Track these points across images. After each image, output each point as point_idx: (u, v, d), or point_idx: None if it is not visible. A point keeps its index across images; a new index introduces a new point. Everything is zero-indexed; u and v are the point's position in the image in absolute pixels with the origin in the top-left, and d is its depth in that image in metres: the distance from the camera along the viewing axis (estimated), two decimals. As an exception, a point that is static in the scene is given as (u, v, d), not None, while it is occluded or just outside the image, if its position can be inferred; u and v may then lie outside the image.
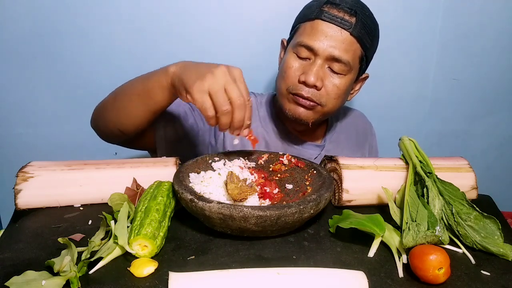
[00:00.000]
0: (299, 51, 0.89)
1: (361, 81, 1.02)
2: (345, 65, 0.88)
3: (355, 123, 1.16)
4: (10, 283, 0.49)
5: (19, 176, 0.70)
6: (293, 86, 0.90)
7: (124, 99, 0.84)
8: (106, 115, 0.88)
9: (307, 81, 0.88)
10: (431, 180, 0.68)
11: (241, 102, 0.67)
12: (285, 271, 0.52)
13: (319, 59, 0.88)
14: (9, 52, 1.23)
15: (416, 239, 0.60)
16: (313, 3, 0.92)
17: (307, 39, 0.88)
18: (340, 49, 0.87)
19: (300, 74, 0.89)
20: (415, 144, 0.77)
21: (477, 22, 1.33)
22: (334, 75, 0.90)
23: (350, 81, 0.92)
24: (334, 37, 0.86)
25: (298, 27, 0.93)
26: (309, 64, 0.89)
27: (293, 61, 0.91)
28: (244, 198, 0.65)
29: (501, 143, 1.50)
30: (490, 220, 0.64)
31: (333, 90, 0.90)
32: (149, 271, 0.54)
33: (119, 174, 0.74)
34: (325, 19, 0.86)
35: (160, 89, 0.78)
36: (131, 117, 0.84)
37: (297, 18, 0.96)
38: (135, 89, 0.82)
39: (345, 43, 0.87)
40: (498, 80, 1.41)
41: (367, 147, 1.16)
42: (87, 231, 0.63)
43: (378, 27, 0.94)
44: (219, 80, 0.67)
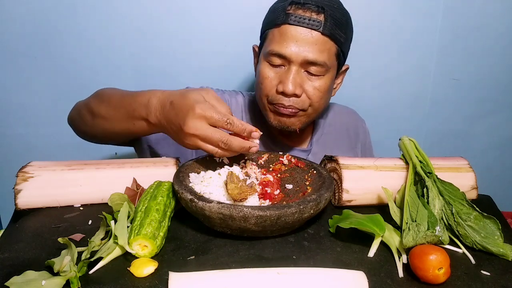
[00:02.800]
0: (272, 60, 0.86)
1: (342, 74, 0.99)
2: (322, 66, 0.85)
3: (345, 122, 1.12)
4: (10, 283, 0.49)
5: (19, 176, 0.69)
6: (272, 97, 0.88)
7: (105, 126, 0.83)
8: (84, 128, 0.90)
9: (285, 91, 0.84)
10: (431, 180, 0.68)
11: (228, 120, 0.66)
12: (285, 271, 0.52)
13: (294, 66, 0.85)
14: (9, 52, 1.23)
15: (416, 239, 0.60)
16: (277, 6, 0.88)
17: (277, 47, 0.85)
18: (314, 51, 0.83)
19: (277, 83, 0.86)
20: (415, 144, 0.77)
21: (477, 22, 1.33)
22: (312, 78, 0.87)
23: (331, 79, 0.90)
24: (305, 40, 0.83)
25: (266, 34, 0.90)
26: (284, 71, 0.86)
27: (267, 71, 0.88)
28: (244, 198, 0.65)
29: (501, 143, 1.50)
30: (490, 220, 0.64)
31: (315, 94, 0.88)
32: (149, 271, 0.54)
33: (119, 174, 0.74)
34: (293, 23, 0.83)
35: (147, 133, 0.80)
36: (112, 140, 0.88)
37: (264, 24, 0.92)
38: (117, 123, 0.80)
39: (318, 44, 0.83)
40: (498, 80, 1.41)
41: (359, 146, 1.13)
42: (87, 231, 0.63)
43: (349, 16, 0.90)
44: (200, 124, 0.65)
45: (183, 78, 1.31)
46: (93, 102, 0.85)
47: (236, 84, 1.34)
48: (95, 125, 0.84)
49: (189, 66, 1.30)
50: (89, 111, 0.85)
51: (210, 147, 0.67)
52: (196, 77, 1.31)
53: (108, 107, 0.81)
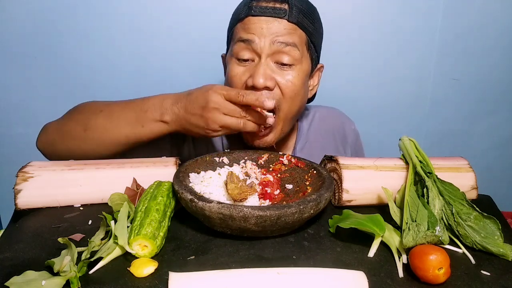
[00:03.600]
0: (239, 51, 0.82)
1: (317, 73, 0.93)
2: (293, 49, 0.80)
3: (331, 126, 1.05)
4: (10, 283, 0.49)
5: (19, 176, 0.69)
6: None
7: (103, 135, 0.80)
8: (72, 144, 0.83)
9: (256, 84, 0.79)
10: (431, 180, 0.68)
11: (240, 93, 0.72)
12: (285, 271, 0.52)
13: (263, 57, 0.80)
14: (9, 52, 1.23)
15: (416, 239, 0.60)
16: (239, 5, 0.86)
17: (243, 34, 0.81)
18: (283, 34, 0.79)
19: (247, 78, 0.81)
20: (415, 144, 0.77)
21: (477, 22, 1.33)
22: (285, 68, 0.81)
23: (304, 73, 0.84)
24: (271, 28, 0.79)
25: (231, 33, 0.86)
26: (254, 65, 0.81)
27: (235, 67, 0.83)
28: (244, 198, 0.65)
29: (501, 143, 1.50)
30: (490, 220, 0.64)
31: (288, 87, 0.81)
32: (149, 271, 0.54)
33: (119, 174, 0.74)
34: (256, 14, 0.79)
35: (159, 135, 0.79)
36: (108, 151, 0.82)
37: (229, 27, 0.89)
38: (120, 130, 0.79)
39: (286, 30, 0.79)
40: (498, 80, 1.41)
41: (348, 148, 1.06)
42: (87, 231, 0.63)
43: (315, 10, 0.87)
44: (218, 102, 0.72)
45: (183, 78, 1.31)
46: (84, 115, 0.83)
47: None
48: (87, 138, 0.81)
49: (189, 66, 1.30)
50: (80, 124, 0.82)
51: (234, 119, 0.73)
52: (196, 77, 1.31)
53: (108, 116, 0.80)
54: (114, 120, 0.80)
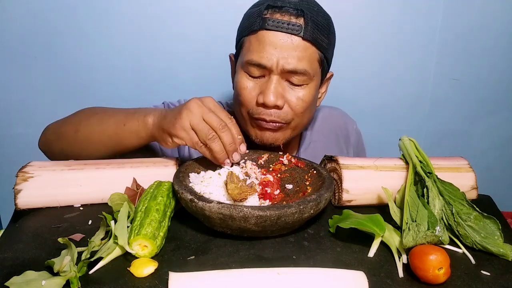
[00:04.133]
0: (250, 70, 0.80)
1: (326, 82, 0.93)
2: (303, 75, 0.79)
3: (334, 126, 1.06)
4: (10, 283, 0.49)
5: (19, 176, 0.69)
6: (253, 110, 0.82)
7: (90, 136, 0.81)
8: (65, 145, 0.84)
9: (266, 103, 0.78)
10: (431, 180, 0.68)
11: (223, 125, 0.68)
12: (285, 271, 0.52)
13: (274, 75, 0.79)
14: (9, 52, 1.23)
15: (416, 239, 0.60)
16: (252, 11, 0.81)
17: (255, 56, 0.78)
18: (294, 58, 0.77)
19: (257, 94, 0.80)
20: (415, 144, 0.77)
21: (477, 22, 1.33)
22: (295, 88, 0.81)
23: (315, 88, 0.84)
24: (284, 47, 0.77)
25: (242, 41, 0.83)
26: (265, 82, 0.80)
27: (245, 81, 0.81)
28: (244, 198, 0.65)
29: (501, 143, 1.50)
30: (490, 220, 0.64)
31: (298, 104, 0.81)
32: (149, 271, 0.54)
33: (119, 174, 0.74)
34: (270, 28, 0.76)
35: (135, 138, 0.78)
36: (94, 153, 0.82)
37: (239, 31, 0.86)
38: (105, 130, 0.80)
39: (298, 50, 0.77)
40: (498, 80, 1.41)
41: (351, 150, 1.07)
42: (87, 231, 0.63)
43: (331, 21, 0.84)
44: (195, 113, 0.69)
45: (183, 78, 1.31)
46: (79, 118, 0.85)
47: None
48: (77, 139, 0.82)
49: (189, 66, 1.30)
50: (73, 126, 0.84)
51: (195, 138, 0.69)
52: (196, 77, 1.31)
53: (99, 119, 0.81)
54: (104, 122, 0.80)
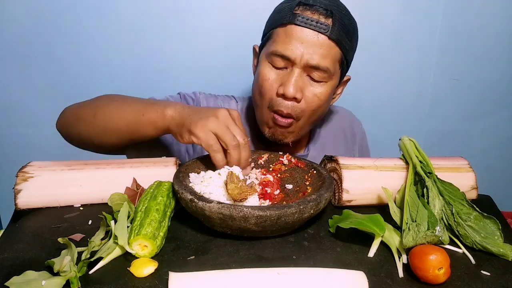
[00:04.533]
0: (274, 61, 0.83)
1: (343, 85, 0.96)
2: (325, 72, 0.82)
3: (342, 125, 1.10)
4: (10, 283, 0.49)
5: (19, 176, 0.69)
6: (272, 102, 0.85)
7: (108, 122, 0.81)
8: (82, 129, 0.85)
9: (286, 94, 0.81)
10: (431, 180, 0.68)
11: (246, 141, 0.71)
12: (285, 271, 0.52)
13: (297, 68, 0.82)
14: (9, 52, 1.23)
15: (416, 239, 0.60)
16: (283, 6, 0.85)
17: (281, 47, 0.82)
18: (318, 55, 0.80)
19: (278, 86, 0.84)
20: (415, 144, 0.77)
21: (477, 22, 1.33)
22: (314, 84, 0.84)
23: (332, 88, 0.87)
24: (310, 43, 0.80)
25: (270, 33, 0.86)
26: (286, 74, 0.83)
27: (268, 72, 0.85)
28: (244, 198, 0.65)
29: (501, 143, 1.50)
30: (490, 220, 0.64)
31: (314, 101, 0.84)
32: (149, 271, 0.54)
33: (119, 174, 0.74)
34: (299, 24, 0.80)
35: (152, 128, 0.78)
36: (111, 140, 0.83)
37: (268, 24, 0.89)
38: (123, 118, 0.80)
39: (323, 48, 0.80)
40: (498, 80, 1.41)
41: (356, 148, 1.11)
42: (87, 231, 0.63)
43: (356, 26, 0.88)
44: (222, 121, 0.70)
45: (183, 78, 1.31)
46: (98, 103, 0.84)
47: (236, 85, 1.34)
48: (95, 123, 0.82)
49: (189, 66, 1.30)
50: (92, 110, 0.83)
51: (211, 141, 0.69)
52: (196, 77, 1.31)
53: (118, 106, 0.81)
54: (122, 110, 0.80)
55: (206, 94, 1.01)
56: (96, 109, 0.83)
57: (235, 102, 1.03)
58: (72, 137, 0.90)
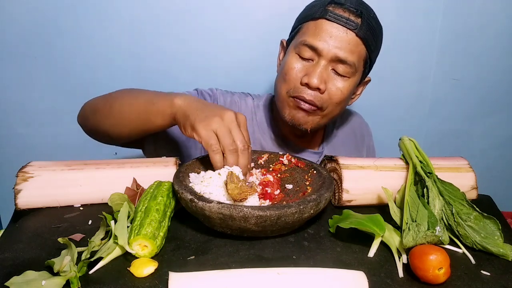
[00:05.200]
0: (302, 51, 0.87)
1: (363, 85, 0.99)
2: (350, 67, 0.86)
3: (353, 126, 1.14)
4: (10, 283, 0.49)
5: (19, 176, 0.70)
6: (295, 89, 0.88)
7: (122, 113, 0.82)
8: (98, 119, 0.86)
9: (310, 83, 0.85)
10: (431, 180, 0.68)
11: (245, 147, 0.69)
12: (285, 271, 0.52)
13: (323, 60, 0.85)
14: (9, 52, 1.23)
15: (416, 239, 0.60)
16: (316, 3, 0.90)
17: (311, 38, 0.85)
18: (346, 50, 0.84)
19: (303, 75, 0.87)
20: (415, 144, 0.77)
21: (477, 22, 1.33)
22: (338, 78, 0.87)
23: (354, 84, 0.90)
24: (339, 38, 0.84)
25: (300, 27, 0.90)
26: (312, 65, 0.86)
27: (295, 62, 0.88)
28: (244, 198, 0.65)
29: (501, 143, 1.50)
30: (490, 220, 0.64)
31: (336, 94, 0.88)
32: (149, 271, 0.54)
33: (119, 174, 0.74)
34: (330, 19, 0.84)
35: (161, 116, 0.77)
36: (125, 130, 0.84)
37: (299, 19, 0.93)
38: (135, 107, 0.81)
39: (351, 43, 0.84)
40: (498, 80, 1.41)
41: (364, 149, 1.14)
42: (87, 231, 0.63)
43: (382, 29, 0.92)
44: (226, 123, 0.69)
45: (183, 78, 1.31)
46: (115, 95, 0.86)
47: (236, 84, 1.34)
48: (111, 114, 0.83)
49: (189, 66, 1.30)
50: (108, 102, 0.85)
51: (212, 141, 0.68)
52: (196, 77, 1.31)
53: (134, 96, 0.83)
54: (136, 100, 0.82)
55: (222, 91, 1.04)
56: (112, 101, 0.84)
57: (252, 99, 1.05)
58: (90, 129, 0.92)
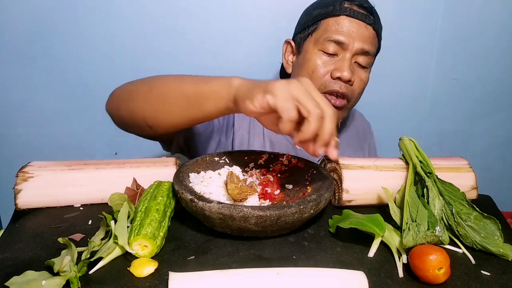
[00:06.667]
0: (327, 46, 0.90)
1: None
2: (371, 58, 0.92)
3: (355, 124, 1.15)
4: (10, 283, 0.49)
5: (19, 176, 0.69)
6: (326, 84, 0.90)
7: (166, 96, 0.73)
8: (135, 105, 0.77)
9: (343, 77, 0.88)
10: (431, 180, 0.68)
11: (332, 111, 0.59)
12: (285, 271, 0.52)
13: (348, 54, 0.89)
14: (9, 52, 1.23)
15: (416, 239, 0.60)
16: (328, 1, 0.93)
17: (336, 34, 0.89)
18: (368, 42, 0.90)
19: (332, 70, 0.90)
20: (415, 144, 0.77)
21: (477, 22, 1.33)
22: (360, 70, 0.92)
23: (369, 76, 0.96)
24: (360, 31, 0.89)
25: (318, 24, 0.92)
26: (338, 59, 0.90)
27: (320, 58, 0.91)
28: (244, 198, 0.65)
29: (501, 143, 1.50)
30: (490, 220, 0.64)
31: (360, 85, 0.93)
32: (149, 271, 0.54)
33: (119, 174, 0.74)
34: (351, 15, 0.89)
35: (215, 99, 0.68)
36: (167, 117, 0.75)
37: (313, 17, 0.94)
38: (183, 89, 0.72)
39: (371, 37, 0.91)
40: (498, 80, 1.41)
41: (366, 147, 1.15)
42: (87, 231, 0.63)
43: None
44: (305, 86, 0.59)
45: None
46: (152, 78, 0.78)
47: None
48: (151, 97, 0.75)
49: (189, 66, 1.30)
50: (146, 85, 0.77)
51: (290, 105, 0.57)
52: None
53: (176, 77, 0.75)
54: (182, 81, 0.73)
55: None
56: (152, 83, 0.76)
57: None
58: (122, 117, 0.82)
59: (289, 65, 1.00)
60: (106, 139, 1.34)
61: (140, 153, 1.27)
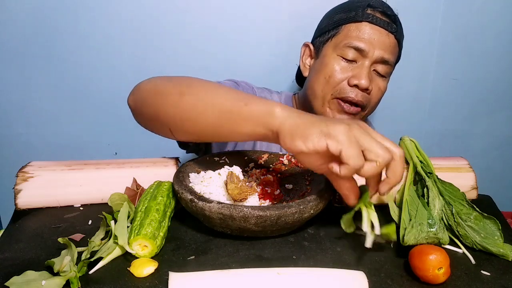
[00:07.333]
0: (346, 52, 0.88)
1: None
2: (390, 67, 0.91)
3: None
4: (10, 283, 0.49)
5: (19, 176, 0.70)
6: (341, 90, 0.89)
7: (197, 107, 0.64)
8: (162, 109, 0.68)
9: (360, 85, 0.87)
10: (431, 180, 0.68)
11: (401, 152, 0.55)
12: (285, 271, 0.52)
13: (367, 61, 0.88)
14: (9, 52, 1.23)
15: (418, 239, 0.60)
16: (353, 5, 0.91)
17: (356, 40, 0.88)
18: (388, 51, 0.89)
19: (349, 77, 0.88)
20: (415, 144, 0.77)
21: (477, 22, 1.33)
22: (379, 78, 0.91)
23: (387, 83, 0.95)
24: (381, 39, 0.88)
25: (339, 28, 0.91)
26: (357, 66, 0.89)
27: (339, 63, 0.90)
28: (244, 198, 0.65)
29: (501, 143, 1.50)
30: (490, 220, 0.64)
31: (377, 94, 0.92)
32: (149, 271, 0.54)
33: (119, 174, 0.74)
34: (374, 22, 0.88)
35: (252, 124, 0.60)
36: (193, 129, 0.67)
37: (334, 21, 0.93)
38: (218, 104, 0.63)
39: (392, 46, 0.90)
40: (498, 80, 1.41)
41: None
42: (87, 231, 0.63)
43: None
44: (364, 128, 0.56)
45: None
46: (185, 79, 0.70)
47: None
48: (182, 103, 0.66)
49: (189, 66, 1.30)
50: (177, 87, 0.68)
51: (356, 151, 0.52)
52: (196, 77, 1.31)
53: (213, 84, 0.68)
54: (219, 94, 0.65)
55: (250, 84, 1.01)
56: (184, 89, 0.66)
57: (277, 93, 1.05)
58: (144, 114, 0.74)
59: (306, 68, 0.99)
60: (106, 139, 1.34)
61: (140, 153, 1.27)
